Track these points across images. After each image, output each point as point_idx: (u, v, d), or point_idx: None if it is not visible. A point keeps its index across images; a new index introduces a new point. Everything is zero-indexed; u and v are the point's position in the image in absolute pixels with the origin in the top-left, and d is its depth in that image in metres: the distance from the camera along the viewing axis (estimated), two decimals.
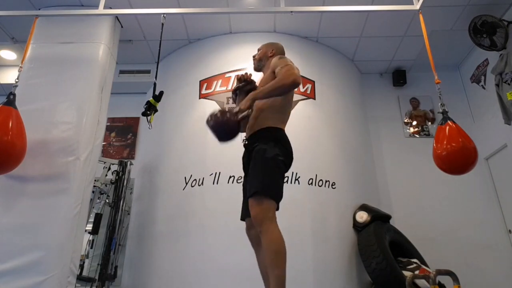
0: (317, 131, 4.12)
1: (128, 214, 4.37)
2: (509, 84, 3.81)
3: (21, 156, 2.93)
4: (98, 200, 4.04)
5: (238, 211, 2.11)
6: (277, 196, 1.87)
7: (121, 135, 5.12)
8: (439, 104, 2.82)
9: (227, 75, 4.30)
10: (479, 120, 4.76)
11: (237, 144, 2.14)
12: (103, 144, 4.64)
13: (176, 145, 4.21)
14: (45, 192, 3.09)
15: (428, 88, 5.06)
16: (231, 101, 4.15)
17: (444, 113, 2.80)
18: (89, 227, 3.70)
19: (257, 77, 2.29)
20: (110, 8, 3.82)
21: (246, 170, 2.08)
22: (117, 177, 4.07)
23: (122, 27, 4.35)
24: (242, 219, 2.08)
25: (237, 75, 2.32)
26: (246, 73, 2.29)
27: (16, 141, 2.85)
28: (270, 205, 1.83)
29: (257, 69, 2.41)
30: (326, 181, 3.89)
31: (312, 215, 3.65)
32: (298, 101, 4.13)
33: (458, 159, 2.68)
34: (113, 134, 5.12)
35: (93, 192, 3.68)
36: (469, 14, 4.14)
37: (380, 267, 3.32)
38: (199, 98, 4.28)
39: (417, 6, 3.24)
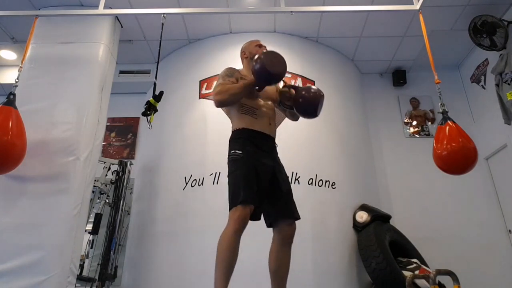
0: (317, 131, 4.12)
1: (128, 214, 4.37)
2: (509, 84, 3.81)
3: (21, 156, 2.93)
4: (98, 200, 4.04)
5: None
6: (235, 200, 1.95)
7: (121, 135, 5.12)
8: (439, 104, 2.81)
9: None
10: (479, 120, 4.76)
11: None
12: (103, 144, 4.64)
13: (176, 145, 4.21)
14: (45, 192, 3.09)
15: (428, 88, 5.05)
16: None
17: (444, 113, 2.79)
18: (89, 227, 3.69)
19: None
20: (110, 8, 3.82)
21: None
22: (117, 177, 4.07)
23: (122, 27, 4.35)
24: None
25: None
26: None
27: (16, 141, 2.85)
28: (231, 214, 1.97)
29: None
30: (326, 181, 3.88)
31: (312, 215, 3.65)
32: None
33: (458, 159, 2.67)
34: (113, 134, 5.12)
35: (93, 192, 3.68)
36: (469, 14, 4.14)
37: (380, 267, 3.32)
38: (199, 98, 4.28)
39: (417, 6, 3.24)
